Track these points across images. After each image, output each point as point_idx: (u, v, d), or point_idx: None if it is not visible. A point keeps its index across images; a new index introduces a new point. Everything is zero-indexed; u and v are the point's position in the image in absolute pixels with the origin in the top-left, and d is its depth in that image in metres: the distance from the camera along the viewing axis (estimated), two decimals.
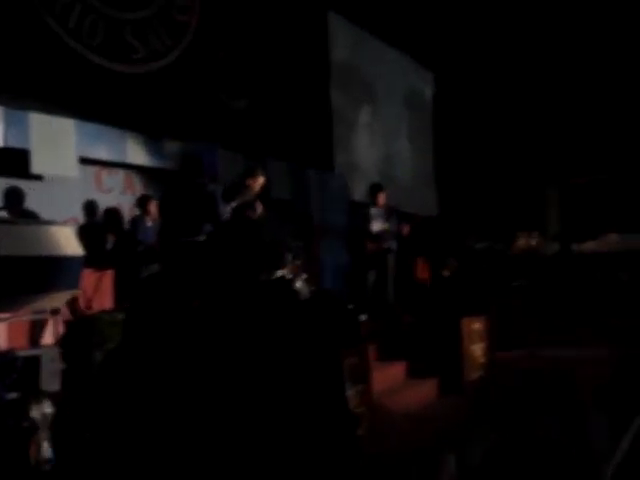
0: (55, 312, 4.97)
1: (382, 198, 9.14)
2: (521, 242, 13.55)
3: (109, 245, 8.48)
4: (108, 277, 7.88)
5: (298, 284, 8.55)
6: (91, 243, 7.62)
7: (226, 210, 6.76)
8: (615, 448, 5.27)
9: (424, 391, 7.36)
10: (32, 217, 6.84)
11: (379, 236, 8.91)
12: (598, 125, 15.97)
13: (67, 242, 4.97)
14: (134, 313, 3.29)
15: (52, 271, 4.74)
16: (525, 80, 16.33)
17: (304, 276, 8.83)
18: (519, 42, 15.91)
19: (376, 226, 8.95)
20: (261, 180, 7.49)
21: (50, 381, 4.28)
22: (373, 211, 9.06)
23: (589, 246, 13.95)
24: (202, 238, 6.46)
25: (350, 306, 8.07)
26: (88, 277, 7.37)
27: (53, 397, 3.90)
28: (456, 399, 7.32)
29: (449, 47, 15.95)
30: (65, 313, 6.05)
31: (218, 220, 6.62)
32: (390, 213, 9.15)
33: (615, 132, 15.80)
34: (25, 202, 7.25)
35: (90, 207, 8.39)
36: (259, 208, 7.23)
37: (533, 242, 13.87)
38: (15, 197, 7.17)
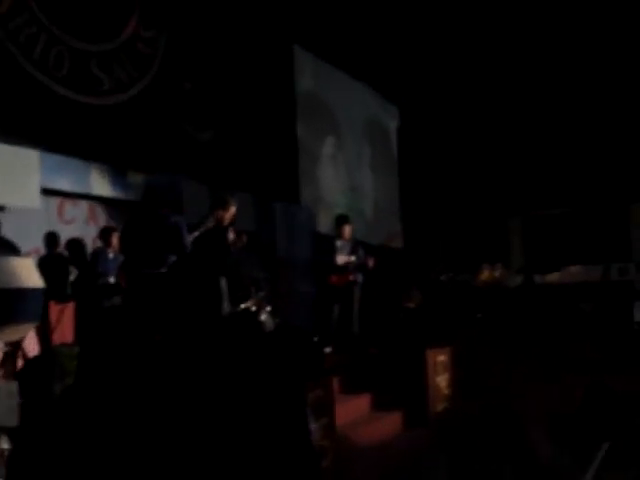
0: (14, 345, 4.88)
1: (348, 230, 9.11)
2: (485, 274, 13.64)
3: (72, 277, 8.39)
4: (70, 309, 7.78)
5: (263, 316, 8.54)
6: (53, 275, 7.53)
7: (189, 241, 6.71)
8: (582, 476, 5.29)
9: (389, 424, 7.32)
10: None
11: (344, 269, 8.87)
12: (559, 158, 16.23)
13: (28, 274, 4.89)
14: (91, 348, 3.25)
15: (12, 304, 4.66)
16: (488, 113, 16.57)
17: (268, 308, 8.84)
18: (482, 77, 16.18)
19: (341, 259, 8.92)
20: (233, 210, 7.45)
21: (7, 416, 4.18)
22: (338, 244, 9.02)
23: (552, 278, 14.12)
24: (165, 270, 6.40)
25: (315, 338, 8.05)
26: (50, 309, 7.27)
27: (10, 433, 3.82)
28: (421, 431, 7.29)
29: (413, 81, 16.14)
30: (25, 346, 5.94)
31: (183, 251, 6.58)
32: (355, 246, 9.13)
33: (576, 165, 16.06)
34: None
35: (52, 238, 8.29)
36: (231, 235, 7.20)
37: (497, 274, 13.98)
38: None
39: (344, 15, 13.62)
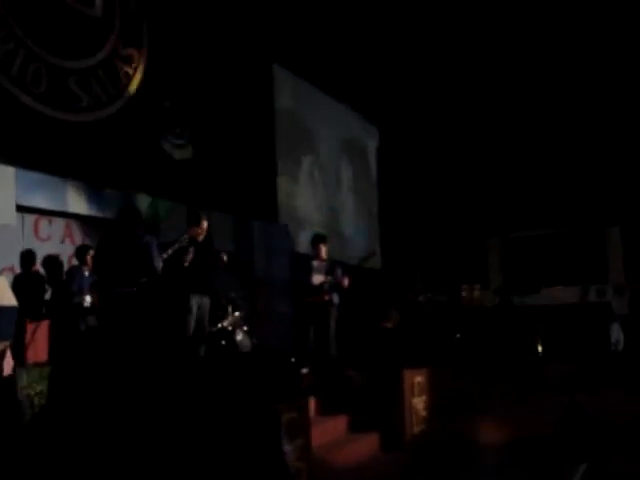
0: None
1: (324, 249, 9.06)
2: (465, 295, 13.69)
3: (47, 295, 8.29)
4: (44, 328, 7.68)
5: (239, 336, 8.49)
6: (27, 293, 7.45)
7: (159, 262, 6.66)
8: None
9: (365, 445, 7.26)
10: None
11: (320, 289, 8.81)
12: (537, 180, 16.36)
13: (0, 292, 4.84)
14: (62, 369, 3.20)
15: None
16: (468, 134, 16.69)
17: (245, 328, 8.78)
18: (461, 98, 16.30)
19: (317, 279, 8.86)
20: (205, 225, 7.47)
21: None
22: (315, 263, 8.97)
23: (530, 299, 14.17)
24: (132, 289, 6.33)
25: (292, 359, 8.01)
26: (23, 327, 7.17)
27: None
28: (397, 454, 7.25)
29: (392, 101, 16.23)
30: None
31: (152, 273, 6.51)
32: (332, 265, 9.08)
33: (554, 187, 16.20)
34: None
35: (28, 257, 8.18)
36: (191, 254, 7.16)
37: (476, 294, 14.04)
38: None
39: (324, 34, 13.69)
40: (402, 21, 14.90)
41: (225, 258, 7.74)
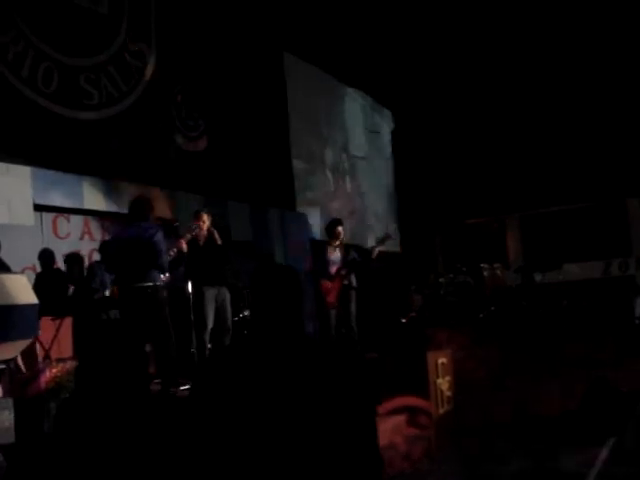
0: (9, 363, 4.85)
1: (340, 233, 9.06)
2: (487, 274, 13.62)
3: (69, 292, 8.35)
4: (67, 324, 7.74)
5: None
6: (49, 290, 7.51)
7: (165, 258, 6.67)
8: (586, 474, 5.26)
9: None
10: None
11: (337, 273, 8.81)
12: (553, 156, 16.21)
13: (20, 290, 4.87)
14: (88, 361, 3.22)
15: (5, 321, 4.63)
16: (483, 112, 16.56)
17: None
18: (477, 75, 16.16)
19: (334, 263, 8.88)
20: (205, 219, 7.49)
21: (3, 433, 4.15)
22: (331, 248, 8.98)
23: (552, 276, 14.08)
24: (149, 284, 6.33)
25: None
26: (47, 325, 7.23)
27: (6, 449, 3.79)
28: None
29: (406, 84, 16.14)
30: (20, 363, 5.92)
31: (161, 267, 6.51)
32: (348, 249, 9.09)
33: (571, 162, 16.05)
34: None
35: (46, 254, 8.25)
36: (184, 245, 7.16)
37: (497, 274, 13.96)
38: None
39: (333, 21, 13.62)
40: (412, 4, 14.78)
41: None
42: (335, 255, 8.90)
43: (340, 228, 9.05)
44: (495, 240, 16.98)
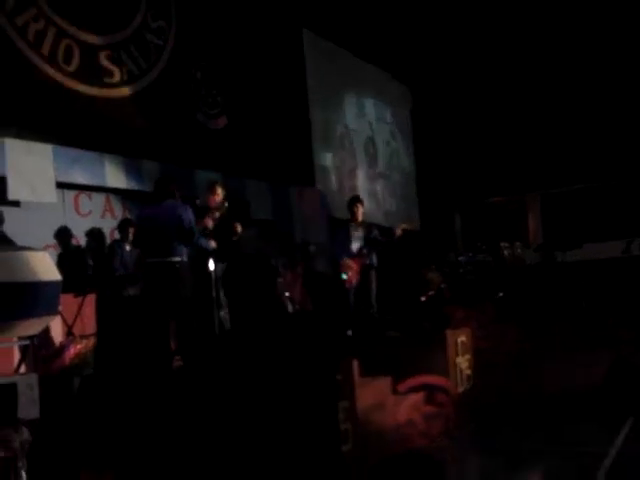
0: (33, 338, 4.89)
1: (360, 211, 9.04)
2: (506, 253, 13.55)
3: (90, 269, 8.41)
4: (90, 301, 7.81)
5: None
6: (72, 268, 7.57)
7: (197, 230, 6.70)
8: (607, 451, 5.26)
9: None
10: (6, 243, 6.75)
11: (359, 252, 8.81)
12: (575, 134, 16.06)
13: (43, 267, 4.90)
14: (106, 338, 3.26)
15: (28, 297, 4.67)
16: (504, 89, 16.41)
17: (287, 294, 8.84)
18: (498, 52, 16.00)
19: (355, 242, 8.87)
20: (219, 192, 7.48)
21: (28, 409, 4.20)
22: (352, 226, 8.96)
23: (572, 255, 13.99)
24: (176, 259, 6.38)
25: (335, 322, 8.05)
26: (69, 302, 7.30)
27: (31, 425, 3.85)
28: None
29: (425, 61, 16.02)
30: (43, 339, 5.98)
31: (189, 239, 6.56)
32: (369, 226, 9.08)
33: (592, 140, 15.89)
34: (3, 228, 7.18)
35: (63, 232, 8.29)
36: (238, 228, 7.22)
37: (517, 252, 13.89)
38: None
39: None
40: None
41: (239, 228, 7.77)
42: (358, 233, 8.89)
43: (359, 205, 9.02)
44: (515, 219, 16.89)
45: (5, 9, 7.84)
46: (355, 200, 9.22)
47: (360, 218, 8.99)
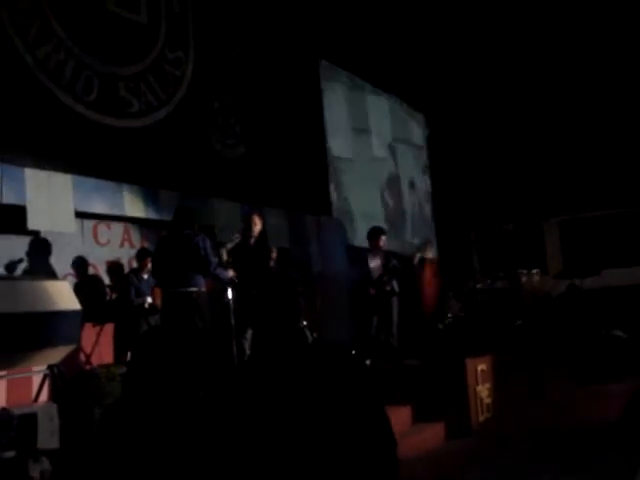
0: (52, 368, 4.90)
1: (383, 241, 9.05)
2: (525, 280, 13.45)
3: (110, 299, 8.44)
4: (107, 331, 7.83)
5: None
6: (90, 297, 7.60)
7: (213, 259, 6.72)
8: None
9: (431, 435, 7.23)
10: (28, 273, 6.81)
11: (380, 280, 8.80)
12: (593, 159, 15.99)
13: (63, 297, 4.93)
14: (135, 367, 3.23)
15: (48, 327, 4.68)
16: (521, 114, 16.40)
17: (305, 323, 8.80)
18: (514, 78, 16.02)
19: (375, 270, 8.86)
20: (257, 221, 7.53)
21: (48, 439, 4.19)
22: (372, 255, 8.97)
23: (592, 282, 13.86)
24: (193, 289, 6.40)
25: (353, 352, 7.99)
26: (87, 331, 7.32)
27: (51, 455, 3.83)
28: (463, 443, 7.18)
29: (440, 89, 16.05)
30: (63, 369, 5.97)
31: (207, 270, 6.57)
32: (387, 256, 9.07)
33: (611, 166, 15.82)
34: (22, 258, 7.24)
35: (80, 262, 8.35)
36: (274, 254, 7.24)
37: (535, 280, 13.78)
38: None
39: (369, 27, 13.62)
40: (443, 10, 14.74)
41: (275, 254, 7.79)
42: (375, 262, 8.89)
43: (383, 237, 9.03)
44: (533, 245, 16.78)
45: (27, 41, 7.94)
46: (378, 231, 9.23)
47: (383, 247, 9.00)
